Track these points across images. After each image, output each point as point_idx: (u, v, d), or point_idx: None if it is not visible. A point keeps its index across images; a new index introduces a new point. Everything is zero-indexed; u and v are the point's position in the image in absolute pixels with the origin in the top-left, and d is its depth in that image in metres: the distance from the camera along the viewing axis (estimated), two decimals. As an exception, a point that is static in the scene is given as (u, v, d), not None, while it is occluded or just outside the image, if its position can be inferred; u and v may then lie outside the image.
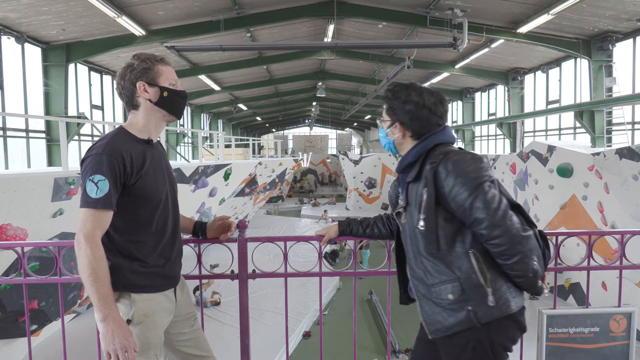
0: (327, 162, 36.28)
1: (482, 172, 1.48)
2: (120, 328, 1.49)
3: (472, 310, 1.49)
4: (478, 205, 1.45)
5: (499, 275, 1.51)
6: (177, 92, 1.72)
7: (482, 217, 1.45)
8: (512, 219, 1.46)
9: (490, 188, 1.47)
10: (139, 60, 1.67)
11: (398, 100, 1.66)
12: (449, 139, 1.65)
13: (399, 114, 1.66)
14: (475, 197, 1.46)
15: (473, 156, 1.53)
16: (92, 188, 1.51)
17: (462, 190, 1.47)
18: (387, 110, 1.70)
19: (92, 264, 1.48)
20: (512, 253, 1.45)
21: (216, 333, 8.00)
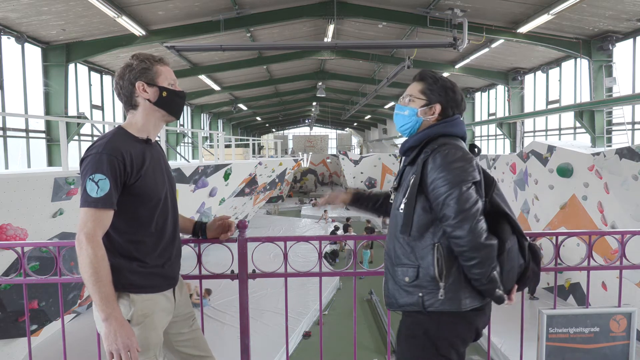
0: (327, 162, 36.30)
1: (465, 173, 1.52)
2: (123, 328, 1.49)
3: (422, 297, 1.57)
4: (450, 202, 1.50)
5: (457, 273, 1.55)
6: (176, 92, 1.72)
7: (449, 215, 1.50)
8: (478, 225, 1.48)
9: (467, 189, 1.50)
10: (138, 60, 1.67)
11: (442, 84, 1.70)
12: (456, 132, 1.67)
13: (440, 96, 1.69)
14: (450, 194, 1.50)
15: (464, 155, 1.55)
16: (92, 187, 1.50)
17: (441, 185, 1.52)
18: (425, 89, 1.70)
19: (94, 264, 1.48)
20: (469, 256, 1.49)
21: (216, 333, 8.00)
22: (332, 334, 8.34)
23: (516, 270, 1.57)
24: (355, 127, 40.59)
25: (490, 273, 1.49)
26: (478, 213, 1.50)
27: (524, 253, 1.60)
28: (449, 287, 1.54)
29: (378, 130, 33.89)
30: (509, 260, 1.54)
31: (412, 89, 1.73)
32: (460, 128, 1.68)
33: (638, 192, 6.72)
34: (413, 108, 1.71)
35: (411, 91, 1.73)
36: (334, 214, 21.95)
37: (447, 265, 1.54)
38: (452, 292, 1.54)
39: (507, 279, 1.54)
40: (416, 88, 1.72)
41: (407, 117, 1.72)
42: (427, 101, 1.69)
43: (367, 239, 2.54)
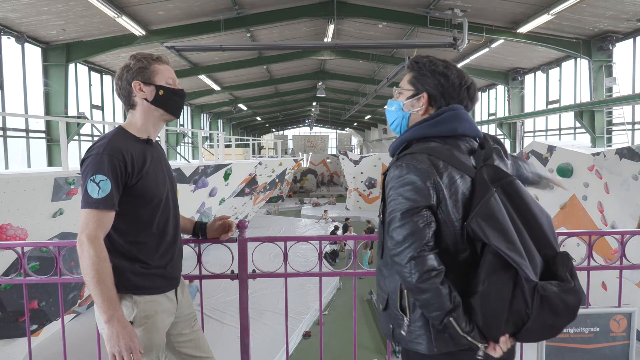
0: (327, 162, 36.30)
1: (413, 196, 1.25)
2: (126, 329, 1.49)
3: (392, 329, 1.39)
4: (391, 233, 1.28)
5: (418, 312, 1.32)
6: (173, 91, 1.70)
7: (389, 246, 1.30)
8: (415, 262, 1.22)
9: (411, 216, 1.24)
10: (135, 59, 1.66)
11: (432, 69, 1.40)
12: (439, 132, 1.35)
13: (428, 84, 1.40)
14: (391, 220, 1.28)
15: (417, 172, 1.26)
16: (93, 188, 1.50)
17: (389, 206, 1.30)
18: (413, 78, 1.43)
19: (96, 265, 1.47)
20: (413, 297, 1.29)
21: (216, 333, 8.00)
22: (332, 334, 8.35)
23: (502, 316, 1.22)
24: (355, 127, 40.58)
25: (443, 318, 1.22)
26: (419, 247, 1.22)
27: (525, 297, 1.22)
28: (414, 324, 1.32)
29: (378, 130, 33.90)
30: (484, 304, 1.22)
31: (403, 80, 1.48)
32: (448, 125, 1.34)
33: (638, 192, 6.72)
34: (399, 101, 1.46)
35: (401, 83, 1.48)
36: (334, 214, 21.95)
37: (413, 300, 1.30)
38: (419, 330, 1.32)
39: (486, 326, 1.22)
40: (406, 79, 1.46)
41: (394, 112, 1.47)
42: (414, 91, 1.42)
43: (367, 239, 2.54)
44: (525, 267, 1.20)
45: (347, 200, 24.36)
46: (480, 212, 1.23)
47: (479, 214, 1.23)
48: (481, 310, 1.22)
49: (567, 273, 1.26)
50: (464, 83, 1.41)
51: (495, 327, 1.23)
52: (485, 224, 1.22)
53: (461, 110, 1.38)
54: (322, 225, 19.98)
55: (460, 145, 1.35)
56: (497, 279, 1.22)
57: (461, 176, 1.28)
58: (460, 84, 1.40)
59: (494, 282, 1.22)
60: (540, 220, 1.30)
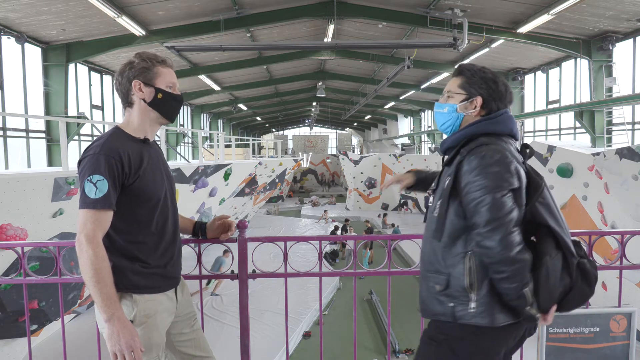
0: (327, 162, 36.30)
1: (501, 179, 1.40)
2: (126, 328, 1.49)
3: (454, 307, 1.49)
4: (481, 210, 1.40)
5: (490, 285, 1.45)
6: (172, 95, 1.70)
7: (479, 223, 1.41)
8: (509, 237, 1.38)
9: (502, 197, 1.40)
10: (140, 58, 1.66)
11: (482, 76, 1.58)
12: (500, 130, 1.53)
13: (481, 89, 1.57)
14: (482, 201, 1.40)
15: (502, 159, 1.43)
16: (90, 188, 1.50)
17: (474, 190, 1.42)
18: (463, 84, 1.59)
19: (95, 265, 1.47)
20: (498, 269, 1.40)
21: (216, 333, 8.00)
22: (332, 334, 8.35)
23: (557, 288, 1.43)
24: (355, 127, 40.60)
25: (521, 289, 1.38)
26: (512, 223, 1.39)
27: (570, 271, 1.45)
28: (480, 300, 1.45)
29: (378, 130, 33.90)
30: (547, 277, 1.41)
31: (450, 85, 1.63)
32: (506, 125, 1.54)
33: (638, 192, 6.72)
34: (452, 104, 1.61)
35: (450, 87, 1.63)
36: (334, 214, 21.94)
37: (479, 277, 1.45)
38: (485, 306, 1.45)
39: (545, 298, 1.42)
40: (455, 83, 1.62)
41: (446, 114, 1.62)
42: (466, 95, 1.58)
43: (367, 239, 2.54)
44: (571, 246, 1.46)
45: (347, 200, 24.36)
46: (539, 199, 1.47)
47: (538, 200, 1.47)
48: (544, 283, 1.41)
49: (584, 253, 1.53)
50: (508, 89, 1.61)
51: (552, 298, 1.43)
52: (543, 208, 1.47)
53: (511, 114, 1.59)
54: (322, 225, 19.98)
55: (512, 143, 1.55)
56: (554, 256, 1.44)
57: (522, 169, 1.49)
58: (506, 90, 1.60)
59: (552, 259, 1.43)
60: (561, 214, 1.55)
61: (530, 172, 1.51)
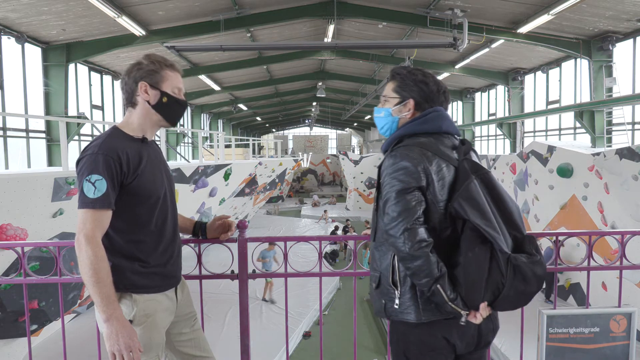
0: (327, 162, 36.29)
1: (406, 177, 1.45)
2: (125, 328, 1.49)
3: (384, 304, 1.57)
4: (387, 209, 1.47)
5: (411, 282, 1.50)
6: (177, 100, 1.70)
7: (385, 222, 1.48)
8: (411, 234, 1.41)
9: (404, 195, 1.44)
10: (149, 60, 1.67)
11: (413, 78, 1.63)
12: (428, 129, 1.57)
13: (412, 91, 1.62)
14: (387, 199, 1.48)
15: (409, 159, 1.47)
16: (89, 188, 1.50)
17: (385, 191, 1.50)
18: (396, 87, 1.65)
19: (94, 265, 1.47)
20: (404, 265, 1.46)
21: (216, 333, 8.00)
22: (332, 334, 8.35)
23: (479, 285, 1.42)
24: (355, 127, 40.58)
25: (432, 285, 1.40)
26: (412, 220, 1.42)
27: (500, 268, 1.42)
28: (404, 297, 1.51)
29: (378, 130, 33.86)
30: (465, 273, 1.42)
31: (386, 89, 1.70)
32: (434, 123, 1.58)
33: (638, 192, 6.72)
34: (387, 108, 1.67)
35: (385, 91, 1.69)
36: (334, 214, 21.94)
37: (403, 274, 1.51)
38: (408, 302, 1.50)
39: (467, 294, 1.42)
40: (389, 87, 1.68)
41: (383, 118, 1.68)
42: (400, 98, 1.64)
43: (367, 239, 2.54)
44: (499, 240, 1.43)
45: (347, 201, 24.36)
46: (462, 194, 1.45)
47: (461, 196, 1.45)
48: (464, 279, 1.42)
49: (533, 249, 1.50)
50: (440, 89, 1.64)
51: (476, 295, 1.43)
52: (466, 203, 1.44)
53: (443, 111, 1.63)
54: (322, 225, 19.98)
55: (444, 141, 1.57)
56: (476, 252, 1.43)
57: (447, 165, 1.51)
58: (438, 90, 1.64)
59: (474, 254, 1.43)
60: (511, 207, 1.52)
61: (460, 169, 1.51)
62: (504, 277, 1.42)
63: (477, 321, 1.46)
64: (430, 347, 1.54)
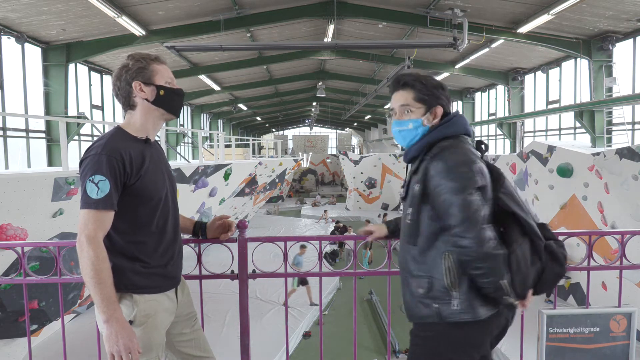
0: (327, 162, 36.29)
1: (468, 179, 1.46)
2: (124, 329, 1.49)
3: (438, 308, 1.54)
4: (453, 211, 1.46)
5: (468, 282, 1.51)
6: (173, 90, 1.71)
7: (452, 225, 1.47)
8: (482, 234, 1.43)
9: (470, 196, 1.44)
10: (134, 60, 1.66)
11: (431, 84, 1.63)
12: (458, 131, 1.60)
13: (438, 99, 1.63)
14: (452, 203, 1.46)
15: (465, 159, 1.49)
16: (92, 189, 1.50)
17: (443, 193, 1.48)
18: (417, 97, 1.62)
19: (95, 266, 1.47)
20: (474, 266, 1.46)
21: (216, 333, 8.00)
22: (332, 334, 8.35)
23: (530, 274, 1.51)
24: (355, 127, 40.58)
25: (498, 282, 1.44)
26: (482, 221, 1.44)
27: (540, 255, 1.54)
28: (462, 297, 1.51)
29: (378, 130, 33.89)
30: (518, 264, 1.48)
31: (404, 99, 1.64)
32: (462, 125, 1.61)
33: (638, 192, 6.72)
34: (416, 119, 1.63)
35: (405, 101, 1.64)
36: (334, 214, 21.94)
37: (458, 275, 1.50)
38: (467, 302, 1.51)
39: (519, 284, 1.49)
40: (409, 97, 1.63)
41: (413, 130, 1.63)
42: (426, 107, 1.62)
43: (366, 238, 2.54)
44: (537, 229, 1.55)
45: (347, 200, 24.35)
46: (503, 190, 1.54)
47: (502, 191, 1.54)
48: (516, 270, 1.48)
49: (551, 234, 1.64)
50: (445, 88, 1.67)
51: (527, 284, 1.51)
52: (507, 198, 1.54)
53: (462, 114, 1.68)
54: (322, 225, 19.98)
55: (469, 141, 1.61)
56: (521, 243, 1.51)
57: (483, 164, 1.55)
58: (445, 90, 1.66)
59: (520, 246, 1.50)
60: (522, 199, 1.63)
61: (490, 166, 1.58)
62: (543, 262, 1.54)
63: (526, 308, 1.54)
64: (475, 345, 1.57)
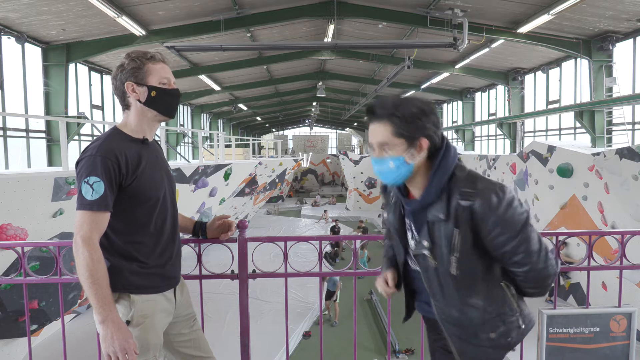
0: (327, 162, 36.29)
1: (521, 212, 1.35)
2: (120, 330, 1.49)
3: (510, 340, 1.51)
4: (521, 250, 1.37)
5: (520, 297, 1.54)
6: (166, 91, 1.66)
7: (523, 262, 1.40)
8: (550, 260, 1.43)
9: (531, 228, 1.39)
10: (130, 59, 1.64)
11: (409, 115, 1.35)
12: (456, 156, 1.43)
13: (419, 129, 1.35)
14: (518, 241, 1.36)
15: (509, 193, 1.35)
16: (87, 190, 1.50)
17: (504, 232, 1.34)
18: (397, 131, 1.36)
19: (90, 267, 1.47)
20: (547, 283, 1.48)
21: (216, 333, 8.00)
22: (332, 334, 8.35)
23: None
24: (355, 127, 40.55)
25: None
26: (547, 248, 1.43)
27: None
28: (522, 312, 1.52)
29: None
30: None
31: (380, 135, 1.39)
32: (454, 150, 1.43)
33: (638, 192, 6.72)
34: (397, 157, 1.38)
35: (382, 138, 1.39)
36: (334, 214, 21.94)
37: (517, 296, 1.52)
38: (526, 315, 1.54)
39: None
40: (386, 132, 1.38)
41: (395, 169, 1.40)
42: (407, 141, 1.36)
43: (367, 238, 2.54)
44: None
45: (347, 200, 24.36)
46: None
47: None
48: None
49: None
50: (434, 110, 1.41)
51: None
52: None
53: None
54: (322, 225, 19.98)
55: None
56: None
57: None
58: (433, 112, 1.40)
59: None
60: None
61: None
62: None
63: None
64: None
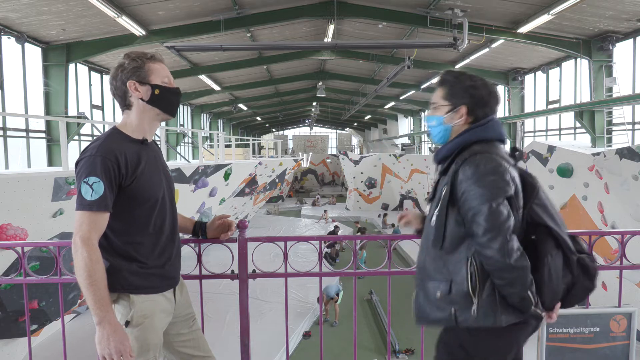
0: (327, 162, 36.29)
1: (497, 188, 1.42)
2: (116, 332, 1.48)
3: (454, 313, 1.50)
4: (479, 220, 1.42)
5: (491, 288, 1.48)
6: (169, 90, 1.68)
7: (478, 233, 1.43)
8: (507, 245, 1.40)
9: (498, 206, 1.41)
10: (130, 59, 1.64)
11: (462, 84, 1.59)
12: (490, 136, 1.55)
13: (464, 97, 1.58)
14: (479, 211, 1.42)
15: (496, 167, 1.45)
16: (86, 190, 1.49)
17: (471, 199, 1.44)
18: (446, 94, 1.61)
19: (89, 267, 1.47)
20: (498, 276, 1.44)
21: (216, 333, 8.00)
22: (332, 334, 8.35)
23: (560, 286, 1.48)
24: (355, 127, 40.58)
25: (523, 293, 1.43)
26: (509, 231, 1.41)
27: (572, 268, 1.50)
28: (482, 303, 1.47)
29: (378, 130, 33.89)
30: (549, 276, 1.45)
31: (435, 96, 1.65)
32: (495, 131, 1.56)
33: (638, 192, 6.72)
34: (439, 116, 1.63)
35: (435, 99, 1.65)
36: (334, 214, 21.94)
37: (482, 280, 1.47)
38: (486, 307, 1.48)
39: (549, 297, 1.47)
40: (439, 95, 1.64)
41: (436, 127, 1.64)
42: (451, 106, 1.60)
43: (367, 239, 2.54)
44: (570, 243, 1.52)
45: (347, 200, 24.35)
46: (537, 200, 1.52)
47: (535, 202, 1.52)
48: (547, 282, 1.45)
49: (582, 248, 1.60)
50: (491, 92, 1.60)
51: (556, 296, 1.49)
52: (539, 209, 1.52)
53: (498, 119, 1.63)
54: (322, 225, 19.98)
55: (502, 147, 1.57)
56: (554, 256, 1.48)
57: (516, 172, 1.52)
58: (489, 94, 1.59)
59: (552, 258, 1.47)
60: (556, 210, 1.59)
61: (523, 175, 1.55)
62: (574, 276, 1.50)
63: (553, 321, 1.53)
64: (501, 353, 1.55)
